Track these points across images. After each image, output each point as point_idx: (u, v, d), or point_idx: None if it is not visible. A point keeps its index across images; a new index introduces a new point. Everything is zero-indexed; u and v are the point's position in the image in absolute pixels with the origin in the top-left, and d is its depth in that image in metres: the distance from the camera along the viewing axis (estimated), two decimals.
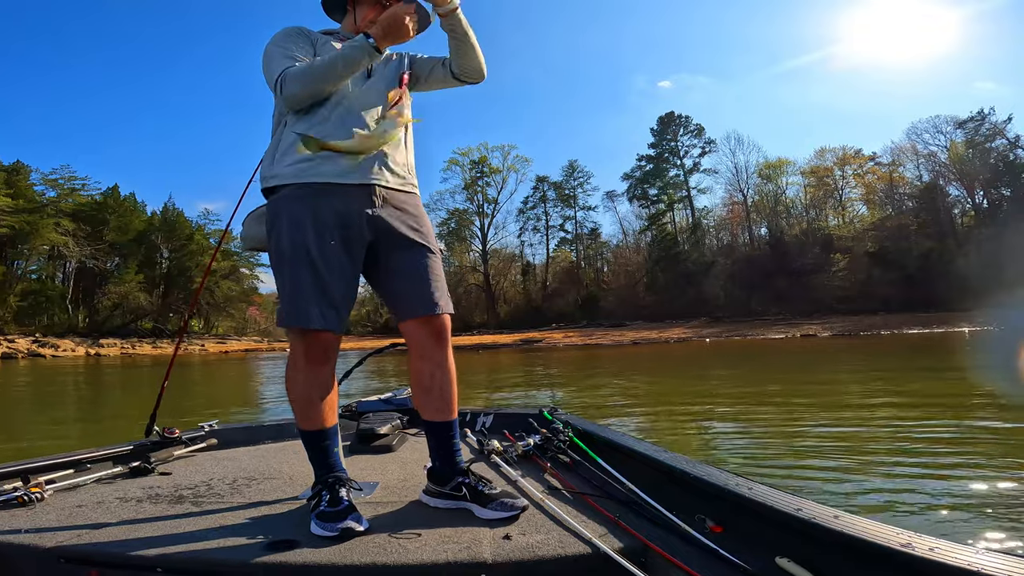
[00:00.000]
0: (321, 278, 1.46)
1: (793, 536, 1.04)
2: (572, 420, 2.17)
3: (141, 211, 47.73)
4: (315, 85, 1.47)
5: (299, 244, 1.47)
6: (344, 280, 1.51)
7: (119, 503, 1.66)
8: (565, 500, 1.51)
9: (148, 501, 1.68)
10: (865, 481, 3.10)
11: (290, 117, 1.54)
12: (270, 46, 1.56)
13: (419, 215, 1.61)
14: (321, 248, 1.47)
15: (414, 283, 1.55)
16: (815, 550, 0.99)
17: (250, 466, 2.10)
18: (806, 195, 46.88)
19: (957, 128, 41.43)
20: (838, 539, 0.95)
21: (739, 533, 1.18)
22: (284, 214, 1.50)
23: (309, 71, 1.47)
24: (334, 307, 1.49)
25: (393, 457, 2.18)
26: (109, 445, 2.27)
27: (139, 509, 1.60)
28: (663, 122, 51.32)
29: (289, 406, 1.59)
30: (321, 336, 1.50)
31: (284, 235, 1.50)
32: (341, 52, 1.48)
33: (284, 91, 1.48)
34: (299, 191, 1.49)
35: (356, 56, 1.47)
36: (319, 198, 1.48)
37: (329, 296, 1.47)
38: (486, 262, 52.07)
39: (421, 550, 1.21)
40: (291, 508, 1.58)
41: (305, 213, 1.48)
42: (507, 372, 13.46)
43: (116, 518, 1.50)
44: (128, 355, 32.33)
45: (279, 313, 1.53)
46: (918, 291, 33.86)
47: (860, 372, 9.79)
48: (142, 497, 1.73)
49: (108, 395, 11.50)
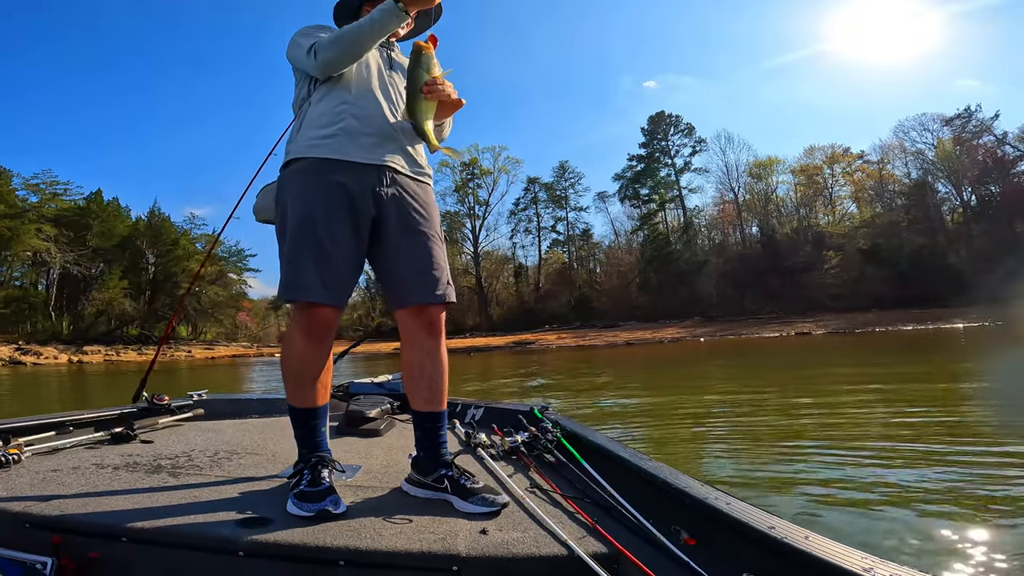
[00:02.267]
0: (325, 251, 1.46)
1: (763, 554, 1.04)
2: (561, 420, 2.12)
3: (125, 216, 46.74)
4: (348, 47, 1.51)
5: (306, 217, 1.48)
6: (348, 256, 1.51)
7: (95, 469, 1.64)
8: (546, 500, 1.50)
9: (125, 469, 1.66)
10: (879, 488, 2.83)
11: (313, 97, 1.59)
12: (295, 36, 1.62)
13: (427, 203, 1.62)
14: (328, 222, 1.47)
15: (410, 269, 1.55)
16: (782, 569, 0.99)
17: (234, 439, 2.09)
18: (796, 193, 46.98)
19: (944, 125, 41.75)
20: (805, 560, 0.95)
21: (712, 547, 1.17)
22: (293, 186, 1.53)
23: (340, 35, 1.52)
24: (337, 281, 1.49)
25: (379, 442, 2.15)
26: (94, 409, 2.21)
27: (114, 477, 1.58)
28: (653, 122, 51.24)
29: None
30: (321, 311, 1.49)
31: (291, 206, 1.51)
32: (371, 16, 1.51)
33: (319, 57, 1.52)
34: (311, 165, 1.52)
35: (385, 19, 1.49)
36: (329, 173, 1.50)
37: (333, 269, 1.47)
38: (478, 264, 51.76)
39: (395, 537, 1.20)
40: (270, 486, 1.55)
41: (314, 186, 1.50)
42: (499, 375, 13.14)
43: (90, 485, 1.49)
44: (112, 362, 31.77)
45: (280, 285, 1.51)
46: (911, 288, 33.93)
47: (870, 371, 9.54)
48: (119, 464, 1.70)
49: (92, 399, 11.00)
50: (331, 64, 1.53)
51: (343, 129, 1.53)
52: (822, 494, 2.82)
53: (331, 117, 1.54)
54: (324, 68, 1.54)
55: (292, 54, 1.62)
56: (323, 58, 1.51)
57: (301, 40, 1.58)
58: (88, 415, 2.13)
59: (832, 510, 2.59)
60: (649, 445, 4.39)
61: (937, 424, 4.45)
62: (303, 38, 1.59)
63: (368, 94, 1.59)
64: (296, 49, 1.59)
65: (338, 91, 1.57)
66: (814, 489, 2.90)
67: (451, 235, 51.86)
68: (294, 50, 1.60)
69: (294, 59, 1.63)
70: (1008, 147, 39.23)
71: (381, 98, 1.60)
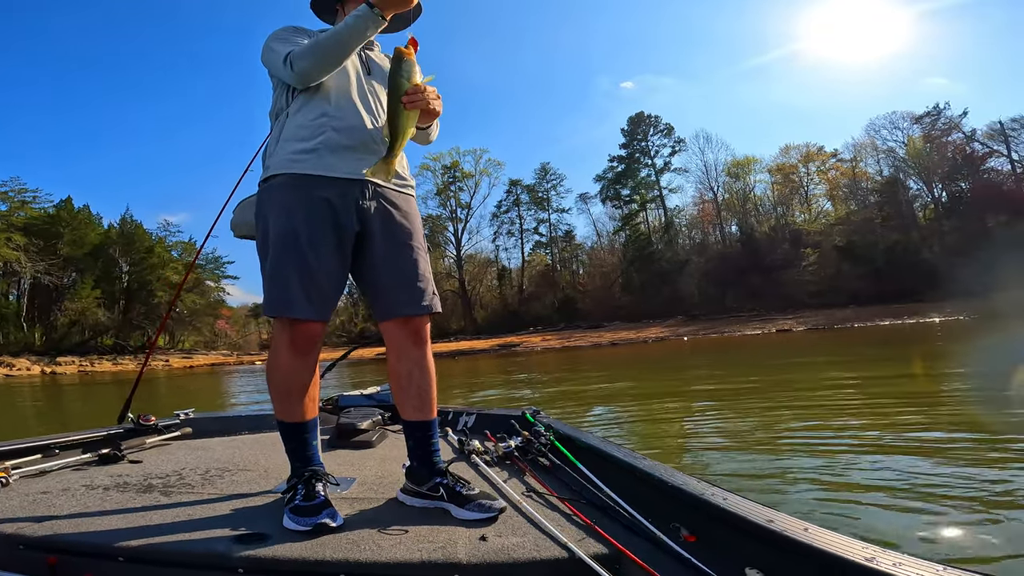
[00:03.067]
0: (309, 266, 1.45)
1: (764, 547, 1.05)
2: (554, 424, 2.12)
3: (96, 224, 45.53)
4: (325, 57, 1.47)
5: (288, 231, 1.46)
6: (332, 271, 1.49)
7: (85, 490, 1.62)
8: (543, 503, 1.49)
9: (115, 489, 1.64)
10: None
11: (291, 107, 1.55)
12: (269, 40, 1.57)
13: (410, 213, 1.60)
14: (311, 237, 1.45)
15: (395, 282, 1.53)
16: (784, 562, 0.99)
17: (224, 457, 2.07)
18: (774, 192, 47.71)
19: (914, 124, 42.69)
20: (806, 551, 0.96)
21: (712, 543, 1.17)
22: (274, 201, 1.50)
23: (316, 44, 1.47)
24: (321, 296, 1.47)
25: (372, 453, 2.15)
26: (79, 431, 2.20)
27: (105, 497, 1.57)
28: (633, 122, 51.60)
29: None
30: (306, 326, 1.47)
31: (272, 221, 1.49)
32: (346, 22, 1.46)
33: (295, 68, 1.47)
34: (291, 180, 1.49)
35: (361, 26, 1.45)
36: (311, 189, 1.48)
37: (316, 284, 1.46)
38: (461, 268, 51.57)
39: (395, 548, 1.19)
40: (265, 501, 1.54)
41: (295, 201, 1.47)
42: (485, 378, 13.04)
43: (81, 506, 1.47)
44: (86, 372, 31.00)
45: (265, 302, 1.50)
46: (886, 283, 34.65)
47: (854, 365, 9.65)
48: (109, 485, 1.69)
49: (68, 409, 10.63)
50: (309, 75, 1.48)
51: (324, 143, 1.49)
52: (815, 487, 2.80)
53: (311, 130, 1.51)
54: (302, 79, 1.50)
55: (267, 60, 1.57)
56: (300, 68, 1.47)
57: (276, 46, 1.53)
58: (74, 437, 2.12)
59: (827, 503, 2.57)
60: (642, 443, 4.36)
61: (924, 414, 4.46)
62: (278, 43, 1.54)
63: (348, 104, 1.55)
64: (271, 55, 1.54)
65: (317, 101, 1.53)
66: (806, 483, 2.89)
67: (433, 239, 51.56)
68: (269, 56, 1.55)
69: (270, 65, 1.58)
70: (977, 144, 40.34)
71: (361, 108, 1.56)
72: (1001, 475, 2.77)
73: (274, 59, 1.53)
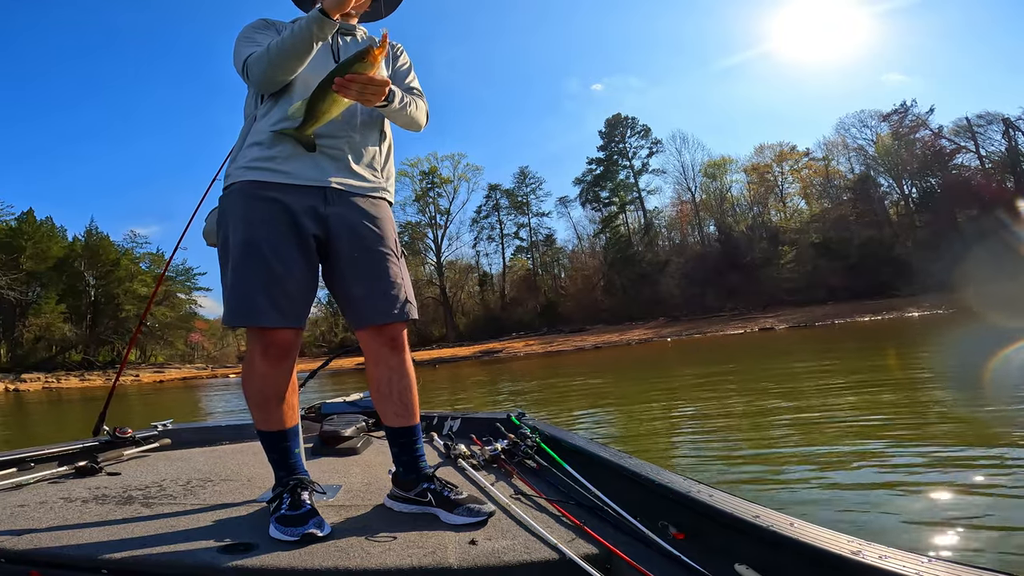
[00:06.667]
0: (274, 272, 1.41)
1: (752, 543, 1.05)
2: (539, 426, 2.10)
3: (60, 236, 43.97)
4: (273, 65, 1.44)
5: (249, 239, 1.43)
6: (299, 275, 1.45)
7: (63, 503, 1.60)
8: (531, 505, 1.49)
9: (95, 502, 1.62)
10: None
11: (259, 111, 1.52)
12: (237, 39, 1.55)
13: (379, 218, 1.55)
14: (273, 243, 1.42)
15: (366, 290, 1.49)
16: (772, 556, 1.01)
17: (205, 467, 2.04)
18: (749, 191, 48.25)
19: (882, 121, 43.56)
20: (793, 546, 0.97)
21: (701, 540, 1.18)
22: (233, 209, 1.47)
23: (267, 52, 1.45)
24: (290, 302, 1.43)
25: (357, 460, 2.13)
26: (55, 444, 2.16)
27: (84, 509, 1.54)
28: (611, 124, 51.81)
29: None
30: (277, 333, 1.44)
31: (232, 230, 1.46)
32: (292, 30, 1.43)
33: (251, 76, 1.48)
34: (248, 187, 1.47)
35: (305, 30, 1.40)
36: (267, 196, 1.45)
37: (282, 290, 1.42)
38: (441, 275, 51.09)
39: (385, 555, 1.18)
40: (249, 511, 1.52)
41: (253, 208, 1.44)
42: (468, 385, 12.68)
43: (60, 519, 1.45)
44: (51, 389, 29.97)
45: (225, 311, 1.46)
46: (862, 279, 35.17)
47: (842, 362, 9.51)
48: (88, 498, 1.66)
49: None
50: (264, 83, 1.47)
51: (282, 150, 1.46)
52: (803, 486, 2.82)
53: (271, 136, 1.47)
54: (260, 87, 1.49)
55: (235, 63, 1.54)
56: (254, 77, 1.46)
57: (240, 48, 1.52)
58: (49, 450, 2.09)
59: (812, 500, 2.59)
60: (627, 444, 4.27)
61: (913, 408, 4.43)
62: (242, 45, 1.52)
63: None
64: (236, 58, 1.52)
65: (282, 105, 1.49)
66: (794, 480, 2.94)
67: (413, 246, 51.02)
68: (235, 58, 1.53)
69: (236, 68, 1.54)
70: (944, 140, 41.26)
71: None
72: (987, 471, 2.75)
73: (237, 63, 1.51)
